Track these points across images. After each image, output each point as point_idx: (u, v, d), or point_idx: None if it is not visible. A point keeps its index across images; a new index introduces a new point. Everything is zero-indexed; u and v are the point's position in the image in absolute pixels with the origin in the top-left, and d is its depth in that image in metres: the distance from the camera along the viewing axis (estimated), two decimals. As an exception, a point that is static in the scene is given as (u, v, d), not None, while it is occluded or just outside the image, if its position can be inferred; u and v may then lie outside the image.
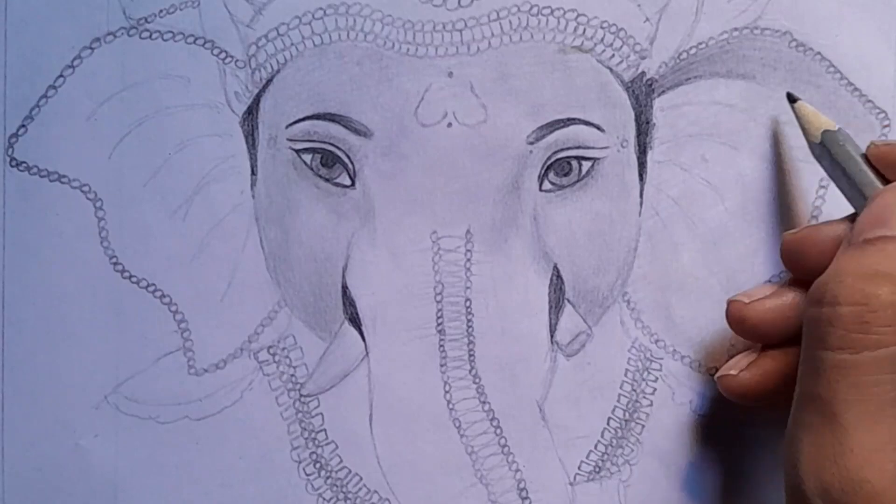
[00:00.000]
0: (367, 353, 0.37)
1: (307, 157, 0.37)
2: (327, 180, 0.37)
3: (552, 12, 0.37)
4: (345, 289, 0.37)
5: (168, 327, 0.37)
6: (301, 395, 0.37)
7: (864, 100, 0.38)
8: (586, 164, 0.37)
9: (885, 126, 0.38)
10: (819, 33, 0.37)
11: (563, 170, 0.37)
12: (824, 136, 0.35)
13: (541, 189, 0.37)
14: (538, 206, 0.37)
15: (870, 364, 0.28)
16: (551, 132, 0.37)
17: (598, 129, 0.37)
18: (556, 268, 0.37)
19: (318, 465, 0.37)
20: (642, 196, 0.37)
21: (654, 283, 0.37)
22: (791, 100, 0.36)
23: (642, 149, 0.37)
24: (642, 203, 0.37)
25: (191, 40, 0.37)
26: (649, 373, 0.37)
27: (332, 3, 0.37)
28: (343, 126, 0.37)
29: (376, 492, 0.37)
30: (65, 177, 0.37)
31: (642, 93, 0.37)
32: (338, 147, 0.37)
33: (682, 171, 0.37)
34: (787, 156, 0.37)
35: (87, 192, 0.37)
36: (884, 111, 0.38)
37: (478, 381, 0.37)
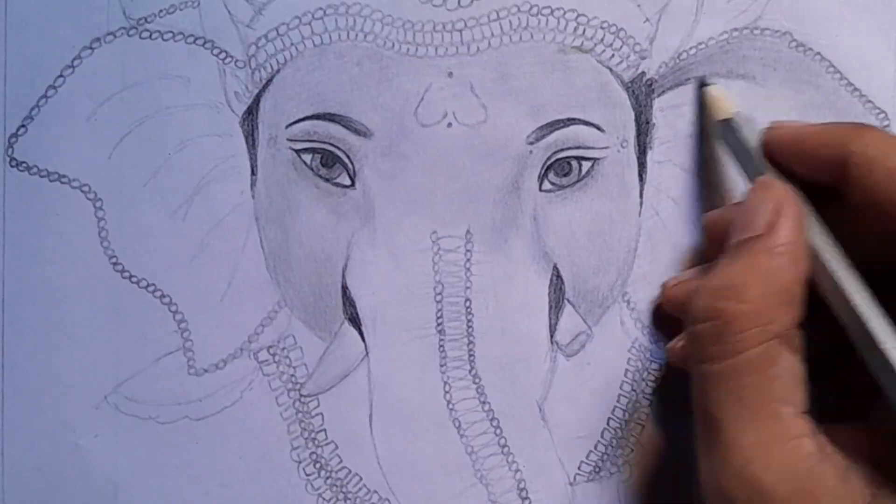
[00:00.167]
0: (367, 353, 0.37)
1: (307, 157, 0.37)
2: (327, 180, 0.37)
3: (552, 12, 0.37)
4: (345, 289, 0.37)
5: (168, 327, 0.37)
6: (301, 395, 0.37)
7: (864, 100, 0.38)
8: (586, 165, 0.37)
9: (885, 126, 0.38)
10: (819, 33, 0.37)
11: (563, 170, 0.37)
12: (722, 123, 0.35)
13: (541, 189, 0.37)
14: (538, 206, 0.37)
15: (735, 371, 0.30)
16: (551, 132, 0.37)
17: (598, 129, 0.37)
18: (556, 268, 0.37)
19: (318, 465, 0.37)
20: (642, 196, 0.37)
21: (654, 283, 0.37)
22: (702, 84, 0.37)
23: (642, 149, 0.37)
24: (642, 203, 0.37)
25: (191, 40, 0.37)
26: (649, 373, 0.37)
27: (332, 3, 0.37)
28: (343, 126, 0.37)
29: (376, 492, 0.37)
30: (65, 177, 0.37)
31: (642, 93, 0.37)
32: (338, 147, 0.37)
33: (682, 171, 0.37)
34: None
35: (87, 192, 0.37)
36: (884, 111, 0.38)
37: (478, 381, 0.37)
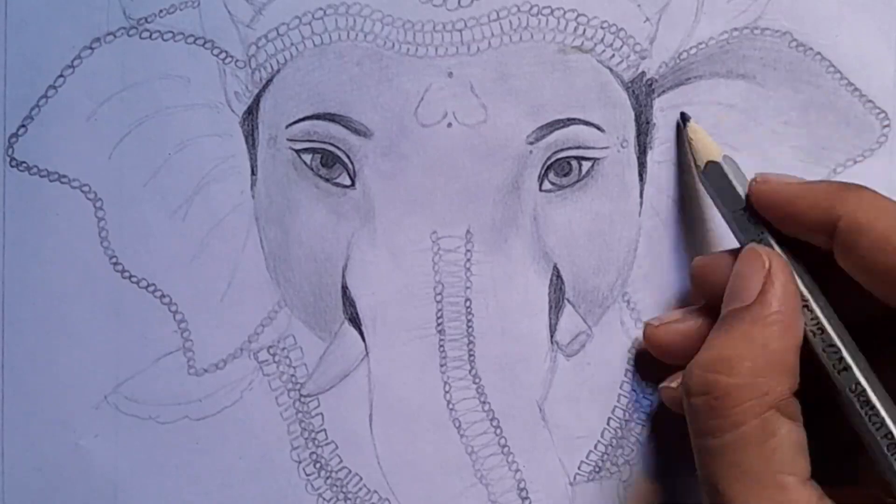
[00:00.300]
0: (367, 353, 0.37)
1: (307, 157, 0.37)
2: (327, 180, 0.37)
3: (552, 12, 0.37)
4: (345, 289, 0.37)
5: (168, 327, 0.37)
6: (301, 395, 0.37)
7: (864, 100, 0.38)
8: (586, 164, 0.37)
9: (885, 126, 0.38)
10: (819, 33, 0.37)
11: (563, 170, 0.37)
12: (708, 167, 0.35)
13: (541, 189, 0.37)
14: (538, 206, 0.37)
15: (734, 445, 0.30)
16: (551, 132, 0.37)
17: (598, 129, 0.37)
18: (556, 268, 0.37)
19: (318, 465, 0.37)
20: (642, 196, 0.37)
21: (654, 283, 0.37)
22: (684, 120, 0.36)
23: (642, 149, 0.37)
24: (642, 203, 0.37)
25: (191, 40, 0.37)
26: (649, 372, 0.37)
27: (332, 3, 0.37)
28: (343, 126, 0.37)
29: (376, 492, 0.37)
30: (65, 177, 0.37)
31: (642, 93, 0.37)
32: (338, 147, 0.37)
33: (682, 171, 0.37)
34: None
35: (87, 192, 0.37)
36: (884, 111, 0.38)
37: (478, 381, 0.37)
